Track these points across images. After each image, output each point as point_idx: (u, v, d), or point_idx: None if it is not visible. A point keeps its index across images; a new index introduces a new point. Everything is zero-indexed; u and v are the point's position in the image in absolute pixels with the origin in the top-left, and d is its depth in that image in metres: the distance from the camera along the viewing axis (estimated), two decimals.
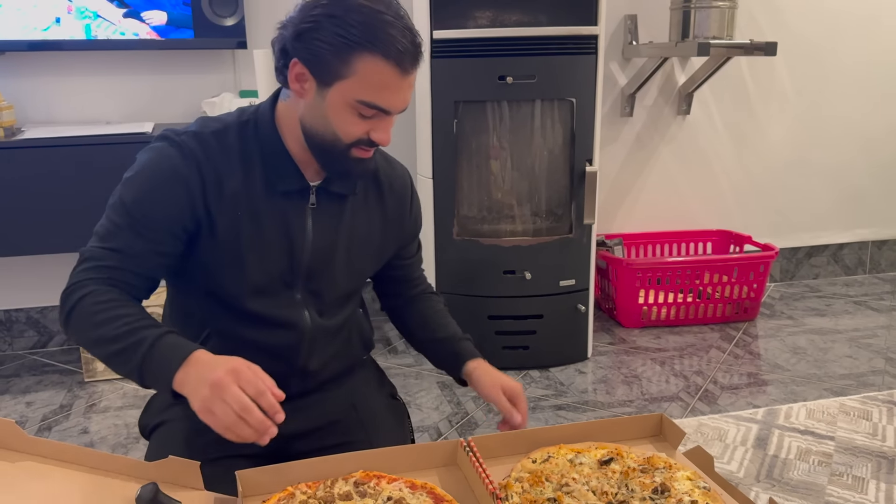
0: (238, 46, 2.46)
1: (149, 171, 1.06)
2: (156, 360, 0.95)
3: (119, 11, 2.35)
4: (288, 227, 1.10)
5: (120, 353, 0.96)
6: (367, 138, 1.05)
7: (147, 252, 1.04)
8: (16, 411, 2.19)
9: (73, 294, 1.01)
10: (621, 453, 1.03)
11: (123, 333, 0.97)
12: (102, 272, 1.02)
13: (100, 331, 0.98)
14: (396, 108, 1.04)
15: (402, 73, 1.00)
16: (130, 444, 2.00)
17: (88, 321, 0.99)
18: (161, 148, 1.07)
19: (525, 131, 2.42)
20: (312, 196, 1.12)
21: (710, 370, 2.44)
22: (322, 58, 1.00)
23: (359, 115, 1.03)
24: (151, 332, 0.97)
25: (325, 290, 1.17)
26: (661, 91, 3.01)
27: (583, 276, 2.49)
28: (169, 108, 2.56)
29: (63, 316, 1.02)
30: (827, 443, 1.25)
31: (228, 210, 1.07)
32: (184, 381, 0.93)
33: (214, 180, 1.06)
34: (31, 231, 2.15)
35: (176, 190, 1.04)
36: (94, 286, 1.01)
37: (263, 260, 1.10)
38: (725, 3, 2.64)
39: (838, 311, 2.96)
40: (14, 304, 2.60)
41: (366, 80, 1.00)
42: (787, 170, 3.24)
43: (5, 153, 2.09)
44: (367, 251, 1.20)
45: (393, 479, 0.96)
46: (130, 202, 1.04)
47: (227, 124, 1.10)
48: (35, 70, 2.43)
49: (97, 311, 0.99)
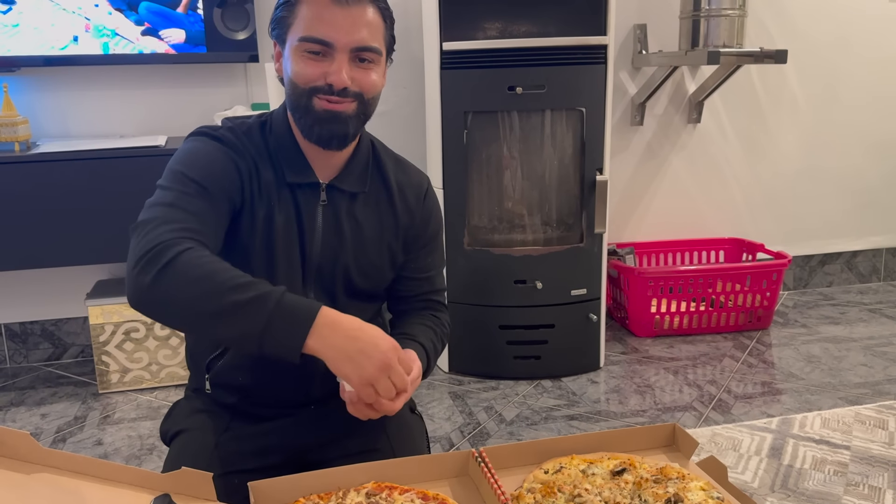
0: (250, 60, 2.48)
1: (202, 151, 1.09)
2: (285, 316, 0.90)
3: (137, 29, 2.37)
4: (300, 221, 1.13)
5: (241, 306, 0.89)
6: (325, 83, 1.06)
7: (214, 221, 1.04)
8: (31, 423, 2.20)
9: (167, 251, 0.92)
10: (634, 464, 1.02)
11: (242, 285, 0.91)
12: (187, 233, 0.97)
13: (212, 282, 0.90)
14: (335, 38, 1.04)
15: (335, 2, 1.03)
16: (144, 455, 2.01)
17: (194, 273, 0.91)
18: (203, 140, 1.11)
19: (535, 141, 2.43)
20: (323, 193, 1.14)
21: (723, 379, 2.42)
22: (280, 20, 1.09)
23: (307, 55, 1.06)
24: (276, 287, 0.92)
25: (337, 288, 1.17)
26: (672, 100, 3.01)
27: (594, 286, 2.48)
28: (182, 122, 2.58)
29: (151, 273, 0.92)
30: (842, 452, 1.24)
31: (265, 201, 1.10)
32: (325, 342, 0.90)
33: (254, 169, 1.10)
34: (46, 244, 2.17)
35: (230, 167, 1.08)
36: (190, 244, 0.95)
37: (288, 254, 1.12)
38: (735, 12, 2.64)
39: (853, 319, 2.94)
40: (29, 317, 2.63)
41: (305, 17, 1.05)
42: (799, 177, 3.23)
43: (21, 167, 2.12)
44: (378, 251, 1.20)
45: (405, 490, 0.96)
46: (195, 173, 1.04)
47: (250, 125, 1.15)
48: (50, 85, 2.46)
49: (204, 263, 0.92)
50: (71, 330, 2.66)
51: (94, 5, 2.35)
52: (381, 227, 1.19)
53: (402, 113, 2.76)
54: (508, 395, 2.35)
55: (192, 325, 0.95)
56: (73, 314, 2.65)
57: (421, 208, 1.24)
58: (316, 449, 1.18)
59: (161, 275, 0.91)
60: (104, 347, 2.36)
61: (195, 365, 1.24)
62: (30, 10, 2.30)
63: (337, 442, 1.20)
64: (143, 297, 0.93)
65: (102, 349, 2.36)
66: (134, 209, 2.31)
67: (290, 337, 0.89)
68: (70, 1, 2.33)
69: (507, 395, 2.35)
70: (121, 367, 2.39)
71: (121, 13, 2.36)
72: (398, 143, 1.47)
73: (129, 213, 2.23)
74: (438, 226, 1.28)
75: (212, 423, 1.18)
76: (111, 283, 2.52)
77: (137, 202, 2.30)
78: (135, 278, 0.93)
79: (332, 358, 0.91)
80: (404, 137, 2.68)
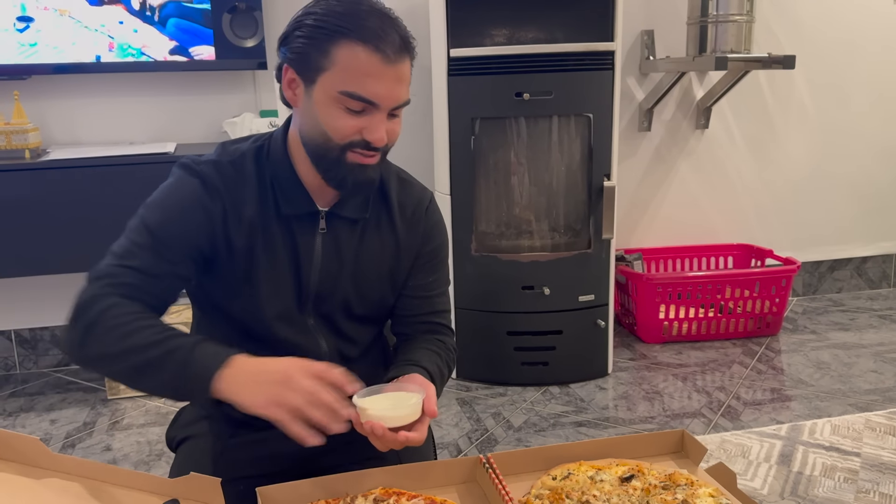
0: (258, 67, 2.50)
1: (172, 196, 1.06)
2: (193, 364, 0.93)
3: (166, 46, 2.34)
4: (297, 251, 1.10)
5: (153, 362, 0.93)
6: (362, 139, 1.01)
7: (165, 273, 1.03)
8: (40, 429, 2.21)
9: (93, 306, 0.97)
10: (642, 470, 1.02)
11: (157, 341, 0.94)
12: (122, 289, 0.99)
13: (129, 341, 0.94)
14: (382, 99, 0.99)
15: (383, 59, 0.97)
16: (152, 461, 2.02)
17: (115, 332, 0.95)
18: (182, 176, 1.07)
19: (542, 147, 2.43)
20: (322, 221, 1.11)
21: (732, 386, 2.41)
22: (304, 54, 1.00)
23: (346, 109, 0.99)
24: (188, 339, 0.95)
25: (337, 314, 1.16)
26: (679, 105, 3.01)
27: (602, 292, 2.48)
28: (191, 129, 2.60)
29: (79, 331, 0.96)
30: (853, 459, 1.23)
31: (246, 237, 1.07)
32: (231, 382, 0.91)
33: (233, 209, 1.06)
34: (56, 250, 2.18)
35: (198, 216, 1.05)
36: (117, 299, 0.98)
37: (276, 285, 1.10)
38: (743, 17, 2.64)
39: (862, 326, 2.92)
40: (39, 323, 2.64)
41: (346, 69, 0.98)
42: (807, 183, 3.22)
43: (31, 174, 2.13)
44: (379, 276, 1.16)
45: (412, 496, 0.96)
46: (154, 224, 1.03)
47: (244, 151, 1.10)
48: (60, 92, 2.48)
49: (125, 321, 0.96)
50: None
51: (118, 22, 2.29)
52: (382, 251, 1.16)
53: (410, 120, 2.75)
54: (516, 402, 2.35)
55: (122, 380, 0.98)
56: (70, 319, 2.65)
57: (420, 225, 1.19)
58: (323, 455, 1.18)
59: (87, 331, 0.96)
60: None
61: None
62: (49, 27, 2.26)
63: (344, 448, 1.20)
64: (74, 355, 0.98)
65: None
66: None
67: (197, 389, 0.93)
68: (92, 18, 2.26)
69: (514, 402, 2.35)
70: None
71: (150, 27, 2.30)
72: (405, 151, 1.47)
73: None
74: (441, 242, 1.23)
75: (218, 429, 1.18)
76: None
77: None
78: (68, 335, 0.98)
79: (237, 392, 0.91)
80: (412, 144, 2.69)
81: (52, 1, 2.26)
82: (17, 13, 2.25)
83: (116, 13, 2.29)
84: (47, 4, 2.27)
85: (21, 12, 2.24)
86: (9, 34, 2.27)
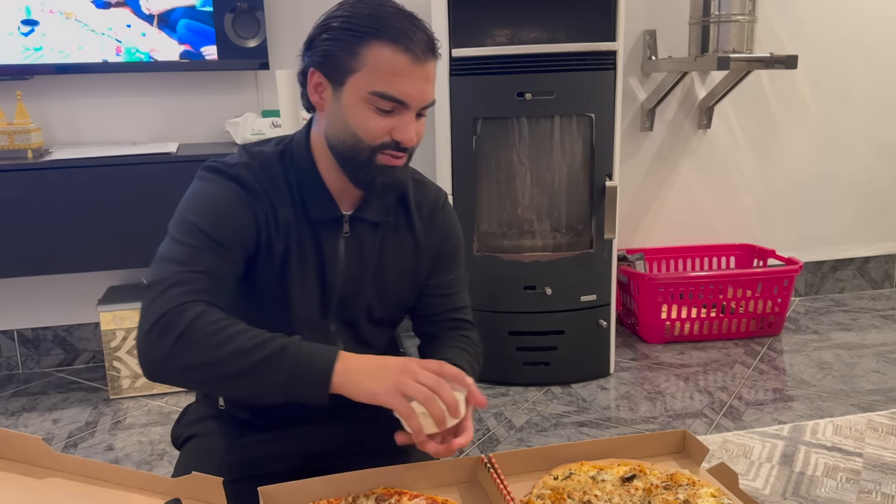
0: (260, 67, 2.50)
1: (216, 198, 1.04)
2: (305, 361, 0.91)
3: (176, 50, 2.30)
4: (322, 255, 1.10)
5: (261, 365, 0.91)
6: (391, 139, 1.01)
7: (228, 274, 1.02)
8: (42, 428, 2.22)
9: (179, 318, 0.92)
10: (644, 470, 1.02)
11: (259, 344, 0.92)
12: (199, 294, 0.96)
13: (230, 346, 0.91)
14: (413, 98, 0.99)
15: (413, 59, 0.98)
16: (154, 460, 2.02)
17: (212, 339, 0.92)
18: (216, 179, 1.05)
19: (544, 147, 2.43)
20: (346, 224, 1.11)
21: (734, 386, 2.41)
22: (332, 56, 1.00)
23: (376, 109, 1.00)
24: (289, 339, 0.93)
25: (359, 318, 1.16)
26: (682, 105, 3.01)
27: (604, 292, 2.48)
28: (193, 129, 2.60)
29: (167, 343, 0.92)
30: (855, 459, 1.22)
31: (283, 240, 1.07)
32: (349, 375, 0.91)
33: (271, 210, 1.06)
34: (58, 250, 2.19)
35: (246, 216, 1.04)
36: (203, 306, 0.94)
37: (304, 290, 1.10)
38: (745, 17, 2.64)
39: (865, 326, 2.92)
40: (41, 323, 2.65)
41: (376, 69, 0.98)
42: (810, 183, 3.21)
43: (34, 174, 2.14)
44: (399, 278, 1.17)
45: (414, 496, 0.96)
46: (207, 226, 1.01)
47: (269, 155, 1.09)
48: (62, 92, 2.49)
49: (220, 328, 0.93)
50: (82, 336, 2.68)
51: (126, 25, 2.23)
52: (402, 253, 1.16)
53: None
54: (518, 402, 2.35)
55: (214, 388, 0.96)
56: (85, 320, 2.66)
57: (437, 224, 1.20)
58: (328, 455, 1.18)
59: (177, 344, 0.91)
60: (115, 353, 2.38)
61: None
62: (54, 31, 2.21)
63: (349, 448, 1.20)
64: (164, 366, 0.93)
65: (113, 355, 2.38)
66: (145, 216, 2.34)
67: (315, 383, 0.91)
68: (99, 21, 2.21)
69: (516, 402, 2.35)
70: (132, 372, 2.40)
71: (159, 31, 2.25)
72: None
73: (140, 219, 2.26)
74: (457, 240, 1.23)
75: (223, 429, 1.18)
76: (122, 289, 2.54)
77: (149, 209, 2.33)
78: (149, 348, 0.93)
79: (355, 383, 0.91)
80: None
81: (58, 3, 2.22)
82: (21, 16, 2.22)
83: (124, 16, 2.25)
84: (53, 7, 2.24)
85: (26, 15, 2.20)
86: (13, 38, 2.25)
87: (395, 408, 0.90)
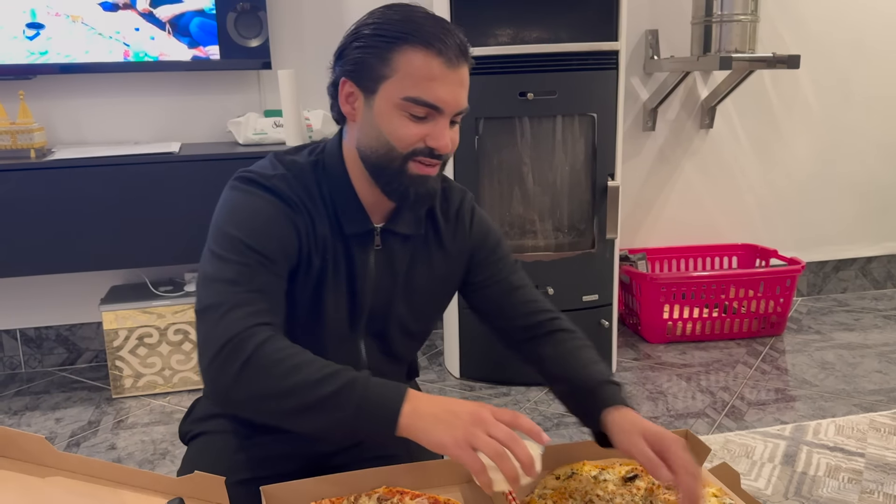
0: (263, 67, 2.50)
1: (256, 211, 1.00)
2: (373, 399, 0.87)
3: (186, 55, 2.25)
4: (353, 268, 1.08)
5: (331, 397, 0.87)
6: (425, 146, 0.99)
7: (280, 289, 0.99)
8: (45, 427, 2.22)
9: (245, 344, 0.89)
10: (645, 470, 1.02)
11: (328, 376, 0.88)
12: (259, 316, 0.93)
13: (295, 378, 0.88)
14: (447, 103, 0.97)
15: (446, 63, 0.96)
16: (157, 459, 2.02)
17: (276, 369, 0.89)
18: (253, 191, 1.02)
19: (547, 147, 2.43)
20: (377, 237, 1.09)
21: (736, 386, 2.41)
22: (363, 63, 0.98)
23: (409, 116, 0.98)
24: (359, 373, 0.90)
25: (389, 331, 1.14)
26: (684, 105, 3.01)
27: (606, 292, 2.48)
28: (195, 128, 2.60)
29: (233, 370, 0.89)
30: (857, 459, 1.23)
31: (320, 254, 1.05)
32: (416, 418, 0.86)
33: (311, 224, 1.04)
34: (61, 249, 2.19)
35: (288, 229, 1.01)
36: (268, 332, 0.92)
37: (336, 305, 1.08)
38: (747, 17, 2.64)
39: (867, 326, 2.92)
40: (44, 322, 2.65)
41: (409, 74, 0.96)
42: (812, 182, 3.21)
43: (37, 173, 2.14)
44: (430, 290, 1.15)
45: (416, 495, 0.96)
46: (254, 241, 0.97)
47: (302, 166, 1.06)
48: (65, 92, 2.49)
49: (284, 356, 0.90)
50: (85, 335, 2.68)
51: (133, 29, 2.18)
52: (431, 264, 1.15)
53: None
54: (520, 402, 2.35)
55: (279, 419, 0.91)
56: (87, 319, 2.67)
57: (464, 227, 1.17)
58: (335, 455, 1.18)
59: (242, 372, 0.88)
60: (118, 352, 2.38)
61: None
62: (60, 35, 2.16)
63: (355, 448, 1.20)
64: (229, 395, 0.90)
65: (116, 354, 2.38)
66: (148, 215, 2.34)
67: (381, 423, 0.87)
68: (106, 24, 2.16)
69: (518, 402, 2.35)
70: (134, 371, 2.41)
71: (169, 36, 2.20)
72: None
73: (143, 219, 2.26)
74: (497, 238, 1.20)
75: (233, 427, 1.18)
76: (125, 288, 2.54)
77: (152, 208, 2.33)
78: (215, 376, 0.90)
79: (423, 428, 0.86)
80: None
81: (64, 6, 2.17)
82: (26, 19, 2.17)
83: (132, 19, 2.20)
84: (59, 10, 2.20)
85: (31, 18, 2.16)
86: (18, 42, 2.22)
87: (464, 462, 0.84)
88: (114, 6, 2.20)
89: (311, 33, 2.63)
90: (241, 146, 2.41)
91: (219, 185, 2.34)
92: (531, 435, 0.87)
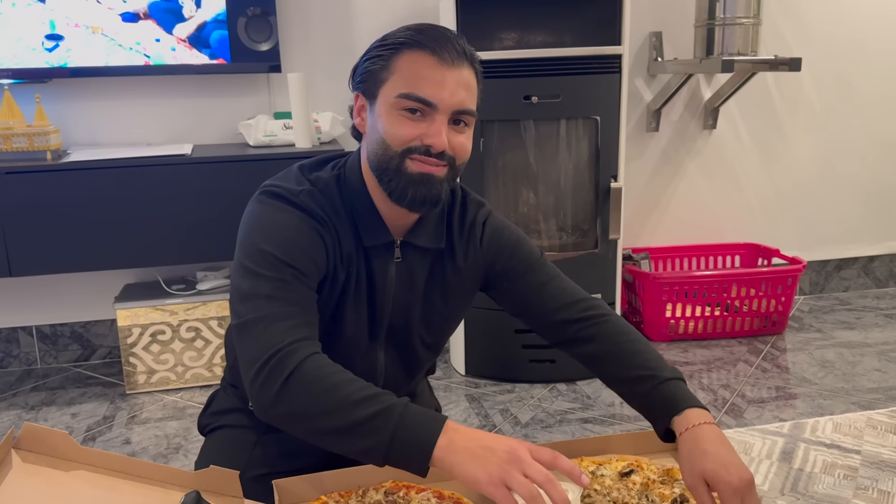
0: (272, 70, 2.54)
1: (287, 225, 1.02)
2: (410, 427, 0.86)
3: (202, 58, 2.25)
4: (373, 280, 1.09)
5: (368, 420, 0.87)
6: (421, 144, 0.99)
7: (315, 303, 1.00)
8: (62, 422, 2.27)
9: (288, 359, 0.90)
10: (641, 465, 1.06)
11: (367, 398, 0.88)
12: (301, 330, 0.94)
13: (336, 396, 0.88)
14: (439, 99, 0.98)
15: (440, 61, 0.98)
16: (171, 454, 2.07)
17: (317, 387, 0.89)
18: (280, 206, 1.03)
19: (550, 149, 2.46)
20: (397, 250, 1.10)
21: (737, 384, 2.44)
22: (369, 72, 1.03)
23: (404, 114, 0.99)
24: (399, 399, 0.89)
25: (408, 342, 1.16)
26: (687, 106, 3.03)
27: (609, 291, 2.51)
28: (207, 130, 2.64)
29: (275, 387, 0.90)
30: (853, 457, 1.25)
31: (344, 268, 1.06)
32: (451, 452, 0.85)
33: (337, 239, 1.05)
34: (76, 249, 2.24)
35: (317, 243, 1.02)
36: (310, 348, 0.93)
37: (356, 318, 1.09)
38: (749, 20, 2.66)
39: (868, 325, 2.94)
40: (59, 319, 2.70)
41: (404, 75, 0.99)
42: (814, 182, 3.23)
43: (53, 175, 2.19)
44: (446, 302, 1.16)
45: (421, 489, 1.00)
46: (285, 255, 0.98)
47: (326, 181, 1.07)
48: (80, 95, 2.54)
49: (326, 374, 0.90)
50: (99, 332, 2.73)
51: (154, 40, 2.17)
52: (445, 278, 1.15)
53: None
54: (524, 398, 2.38)
55: (317, 440, 0.91)
56: (102, 317, 2.72)
57: (476, 243, 1.16)
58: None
59: (284, 387, 0.89)
60: (131, 349, 2.43)
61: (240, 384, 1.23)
62: (79, 46, 2.14)
63: None
64: (270, 411, 0.91)
65: (130, 351, 2.43)
66: (161, 216, 2.38)
67: (415, 454, 0.86)
68: (126, 35, 2.14)
69: (522, 398, 2.38)
70: (147, 368, 2.45)
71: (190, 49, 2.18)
72: None
73: (156, 219, 2.31)
74: (513, 242, 1.18)
75: (251, 423, 1.20)
76: (138, 287, 2.59)
77: (164, 209, 2.37)
78: (259, 390, 0.91)
79: (457, 463, 0.84)
80: None
81: (84, 17, 2.14)
82: (45, 31, 2.14)
83: (152, 30, 2.18)
84: (78, 21, 2.17)
85: (50, 30, 2.13)
86: (36, 53, 2.20)
87: (497, 501, 0.82)
88: (134, 17, 2.19)
89: (319, 37, 2.67)
90: (252, 148, 2.45)
91: (230, 186, 2.38)
92: (570, 476, 0.85)
